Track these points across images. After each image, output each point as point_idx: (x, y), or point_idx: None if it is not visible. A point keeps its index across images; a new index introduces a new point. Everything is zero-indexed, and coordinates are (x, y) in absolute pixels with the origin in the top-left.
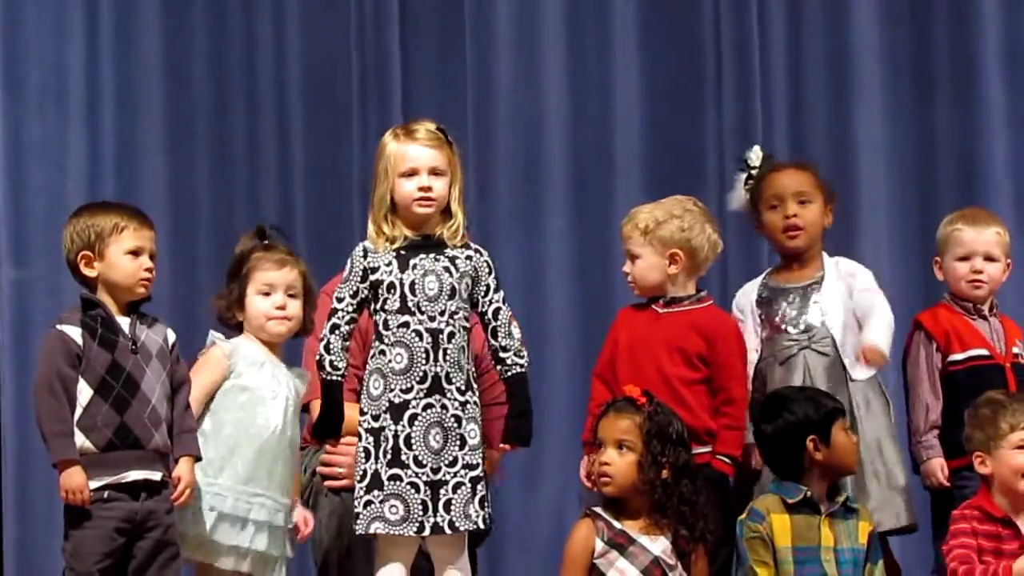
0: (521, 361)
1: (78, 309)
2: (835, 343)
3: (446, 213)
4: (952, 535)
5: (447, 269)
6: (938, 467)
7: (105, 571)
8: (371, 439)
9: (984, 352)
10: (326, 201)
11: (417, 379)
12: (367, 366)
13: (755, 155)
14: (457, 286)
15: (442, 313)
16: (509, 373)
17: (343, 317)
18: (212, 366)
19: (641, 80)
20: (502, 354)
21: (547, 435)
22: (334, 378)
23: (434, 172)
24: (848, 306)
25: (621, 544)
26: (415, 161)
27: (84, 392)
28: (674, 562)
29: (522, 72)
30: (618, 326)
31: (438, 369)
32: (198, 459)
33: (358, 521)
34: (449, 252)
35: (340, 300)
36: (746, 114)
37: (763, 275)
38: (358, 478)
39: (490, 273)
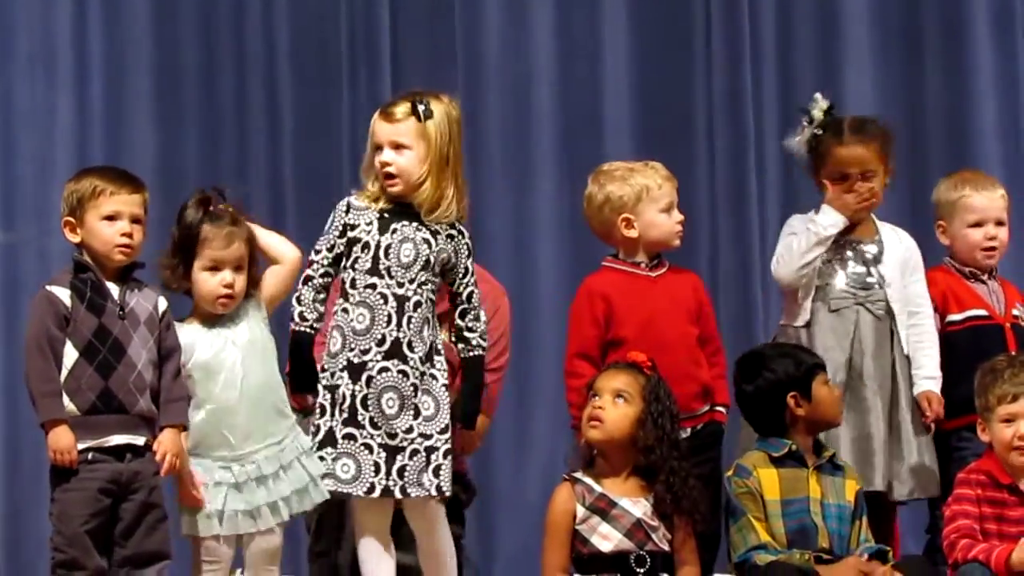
0: (483, 343)
1: (70, 271)
2: (888, 307)
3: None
4: (955, 499)
5: (426, 241)
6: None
7: (92, 532)
8: (328, 396)
9: (983, 312)
10: (315, 167)
11: (376, 341)
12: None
13: (818, 107)
14: (432, 260)
15: (412, 281)
16: (471, 354)
17: (317, 270)
18: None
19: (630, 42)
20: (467, 334)
21: (535, 397)
22: (302, 329)
23: (397, 146)
24: (902, 281)
25: (603, 509)
26: (378, 136)
27: (70, 354)
28: (656, 524)
29: (511, 36)
30: (602, 299)
31: (400, 335)
32: (185, 428)
33: None
34: (433, 226)
35: (317, 252)
36: (735, 77)
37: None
38: (312, 432)
39: (468, 256)
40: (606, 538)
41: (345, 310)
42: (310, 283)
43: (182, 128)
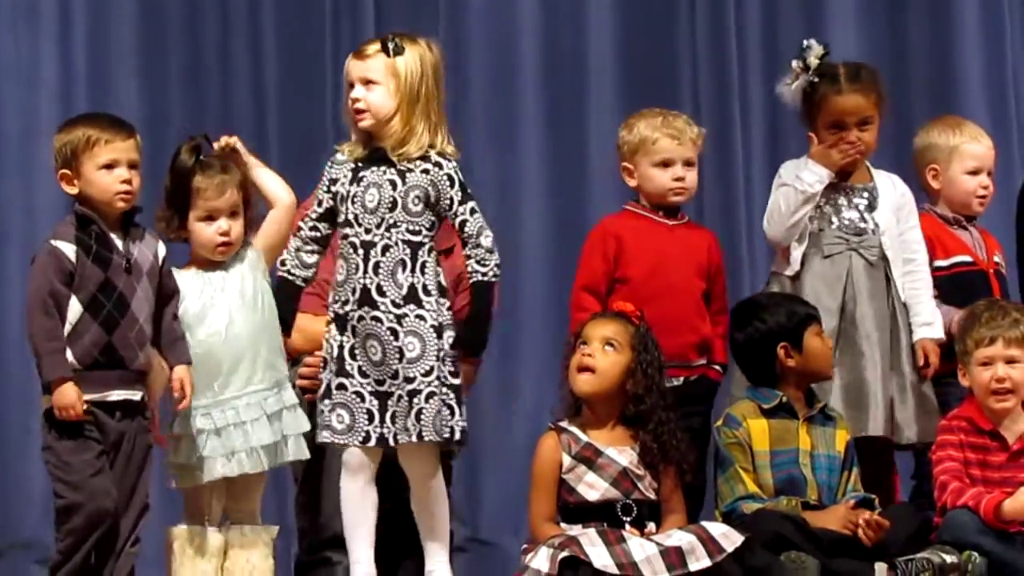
0: (482, 270)
1: (73, 224)
2: (882, 252)
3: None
4: (939, 445)
5: (391, 182)
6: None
7: (94, 477)
8: (325, 347)
9: (967, 259)
10: (298, 117)
11: (351, 290)
12: None
13: (813, 53)
14: (402, 199)
15: (378, 226)
16: (472, 280)
17: (306, 222)
18: None
19: None
20: (467, 262)
21: (522, 347)
22: (280, 273)
23: (366, 82)
24: (897, 227)
25: (588, 458)
26: (351, 74)
27: (74, 309)
28: (643, 472)
29: None
30: (615, 238)
31: (367, 281)
32: (189, 363)
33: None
34: (403, 164)
35: (312, 206)
36: (719, 25)
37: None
38: (321, 390)
39: (452, 186)
40: (592, 487)
41: (338, 264)
42: (297, 234)
43: (166, 79)
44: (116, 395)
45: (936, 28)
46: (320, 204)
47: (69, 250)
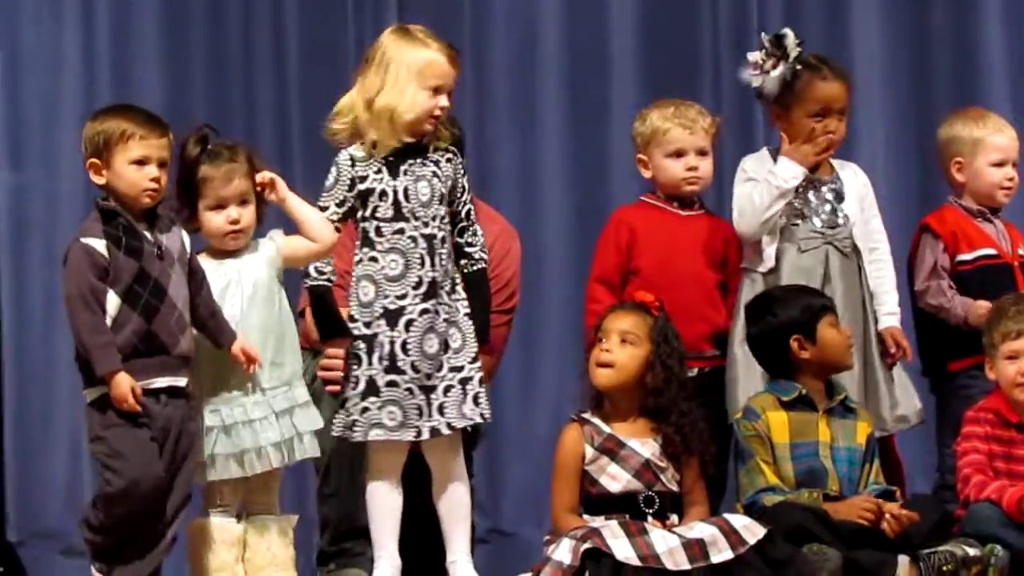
0: (485, 256)
1: (98, 220)
2: (853, 244)
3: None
4: (964, 437)
5: (435, 174)
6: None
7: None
8: (363, 345)
9: (992, 252)
10: (321, 101)
11: (412, 285)
12: (353, 273)
13: (792, 42)
14: (445, 191)
15: (434, 218)
16: (475, 268)
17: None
18: None
19: None
20: (468, 250)
21: (543, 336)
22: (319, 283)
23: (450, 92)
24: (862, 216)
25: (611, 449)
26: (443, 76)
27: (112, 302)
28: (665, 464)
29: None
30: (628, 229)
31: (435, 274)
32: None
33: (356, 428)
34: (432, 156)
35: (325, 208)
36: (741, 11)
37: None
38: (352, 385)
39: (464, 174)
40: (615, 479)
41: (373, 258)
42: None
43: (189, 65)
44: (160, 382)
45: (959, 17)
46: (341, 204)
47: (100, 245)
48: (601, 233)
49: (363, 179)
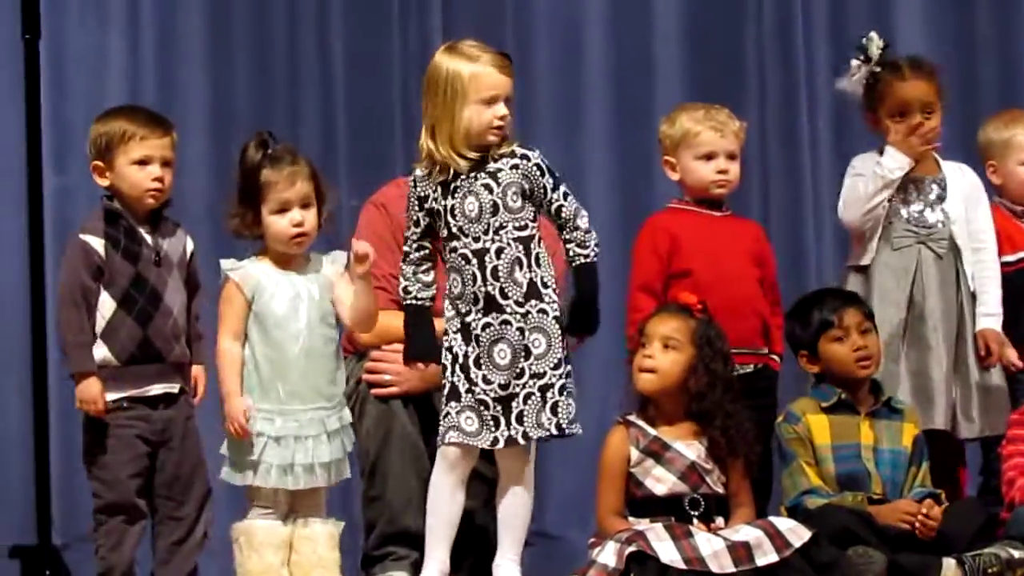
0: (584, 251)
1: (101, 218)
2: (952, 244)
3: None
4: (1010, 440)
5: (486, 186)
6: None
7: (132, 478)
8: (448, 356)
9: None
10: (366, 111)
11: (471, 301)
12: None
13: (875, 44)
14: (501, 200)
15: (486, 232)
16: (573, 264)
17: (411, 245)
18: (234, 301)
19: None
20: (566, 247)
21: (588, 340)
22: (408, 302)
23: (508, 99)
24: (966, 216)
25: (656, 452)
26: (496, 87)
27: (107, 305)
28: (711, 467)
29: None
30: (667, 235)
31: (489, 288)
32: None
33: (439, 431)
34: (491, 167)
35: (407, 229)
36: (786, 17)
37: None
38: (442, 392)
39: (543, 175)
40: (660, 481)
41: (447, 277)
42: (407, 259)
43: (234, 71)
44: (156, 389)
45: (1004, 20)
46: (417, 224)
47: (97, 244)
48: (636, 242)
49: (425, 199)
